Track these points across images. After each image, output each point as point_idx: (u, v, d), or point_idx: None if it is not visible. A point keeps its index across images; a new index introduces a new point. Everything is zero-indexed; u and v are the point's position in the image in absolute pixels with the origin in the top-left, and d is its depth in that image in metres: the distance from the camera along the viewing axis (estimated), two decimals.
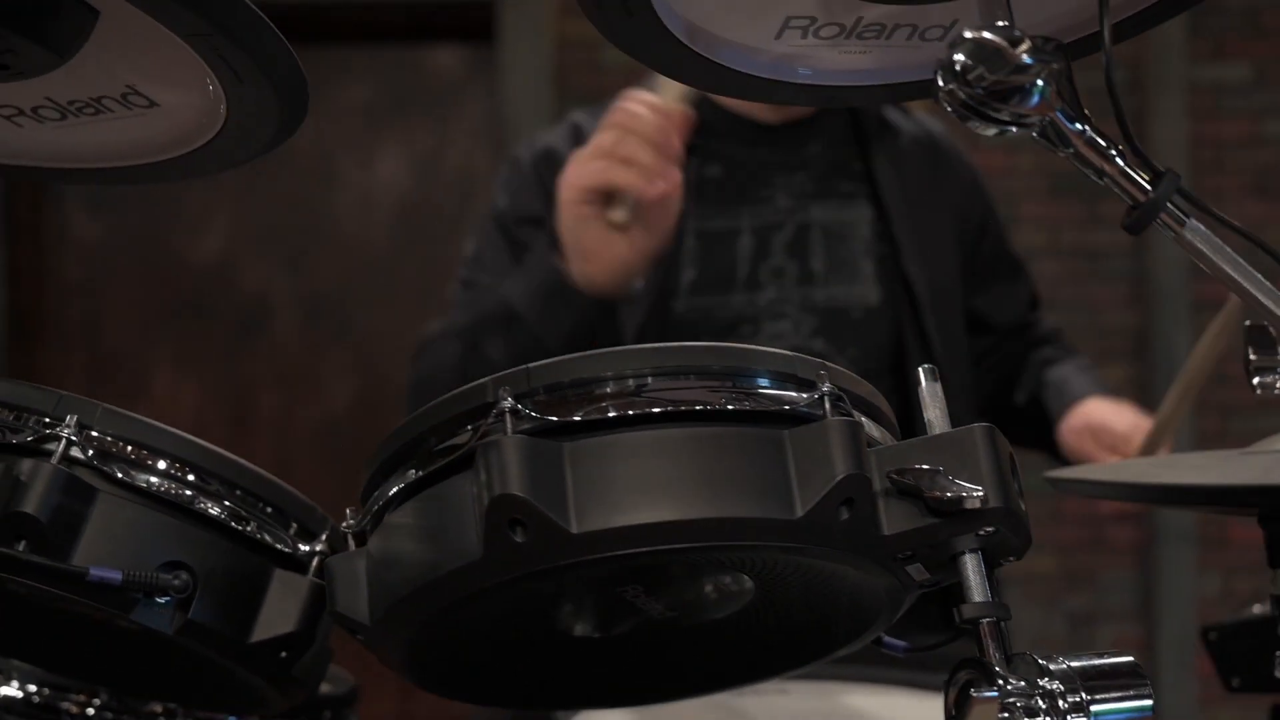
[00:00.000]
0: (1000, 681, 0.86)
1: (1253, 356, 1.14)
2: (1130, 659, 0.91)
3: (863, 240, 1.83)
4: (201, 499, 0.99)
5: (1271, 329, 0.83)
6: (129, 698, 1.22)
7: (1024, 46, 0.78)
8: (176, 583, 0.96)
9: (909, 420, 1.74)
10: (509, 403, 0.87)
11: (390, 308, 4.50)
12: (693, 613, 1.00)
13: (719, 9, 0.92)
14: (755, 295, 1.79)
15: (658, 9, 0.86)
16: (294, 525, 1.05)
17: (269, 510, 1.03)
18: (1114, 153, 0.81)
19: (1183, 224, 0.80)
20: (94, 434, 0.97)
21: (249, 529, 1.01)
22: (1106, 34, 0.77)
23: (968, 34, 0.77)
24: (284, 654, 1.02)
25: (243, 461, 1.02)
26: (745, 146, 1.83)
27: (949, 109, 0.81)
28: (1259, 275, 0.81)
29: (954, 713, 0.89)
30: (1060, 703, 0.87)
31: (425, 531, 0.91)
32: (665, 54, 0.91)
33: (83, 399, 0.98)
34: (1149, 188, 0.80)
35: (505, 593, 0.90)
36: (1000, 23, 0.77)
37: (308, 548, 1.04)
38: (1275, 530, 1.13)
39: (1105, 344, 4.11)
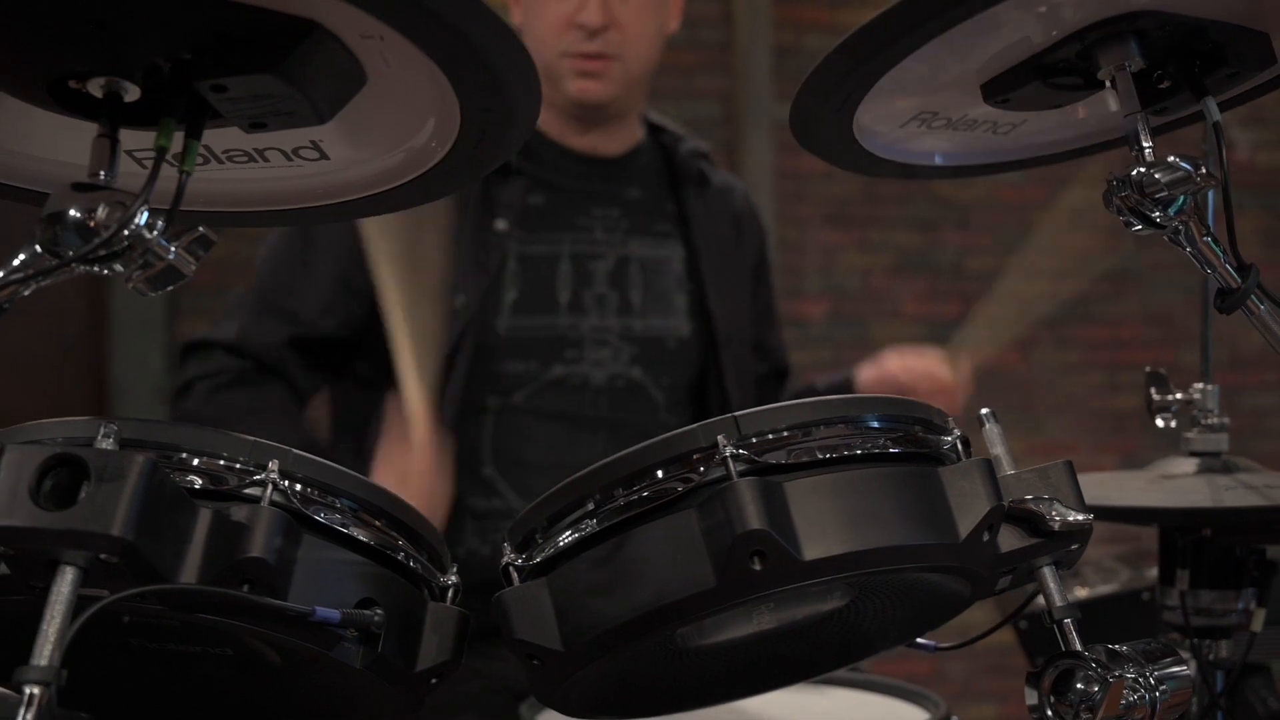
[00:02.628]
0: (1112, 666, 1.07)
1: (1155, 397, 1.42)
2: (1168, 644, 1.15)
3: (676, 276, 2.00)
4: (381, 537, 1.05)
5: None
6: None
7: (1184, 171, 1.00)
8: (377, 619, 1.01)
9: None
10: (730, 450, 1.00)
11: None
12: (799, 620, 1.16)
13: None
14: (578, 320, 1.92)
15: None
16: (431, 557, 1.11)
17: (422, 544, 1.09)
18: (1219, 250, 1.03)
19: (1261, 306, 1.03)
20: (292, 478, 1.01)
21: (413, 564, 1.07)
22: (1223, 161, 0.99)
23: (1166, 159, 0.98)
24: (434, 680, 1.08)
25: (398, 497, 1.08)
26: (568, 177, 1.95)
27: (1113, 206, 1.01)
28: None
29: (1052, 698, 1.08)
30: (1142, 677, 1.08)
31: (638, 564, 1.01)
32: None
33: (273, 445, 1.01)
34: (1239, 278, 1.03)
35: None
36: (1169, 158, 0.98)
37: (445, 579, 1.11)
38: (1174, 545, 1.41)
39: None
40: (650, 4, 1.94)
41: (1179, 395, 1.42)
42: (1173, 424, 1.41)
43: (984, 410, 1.15)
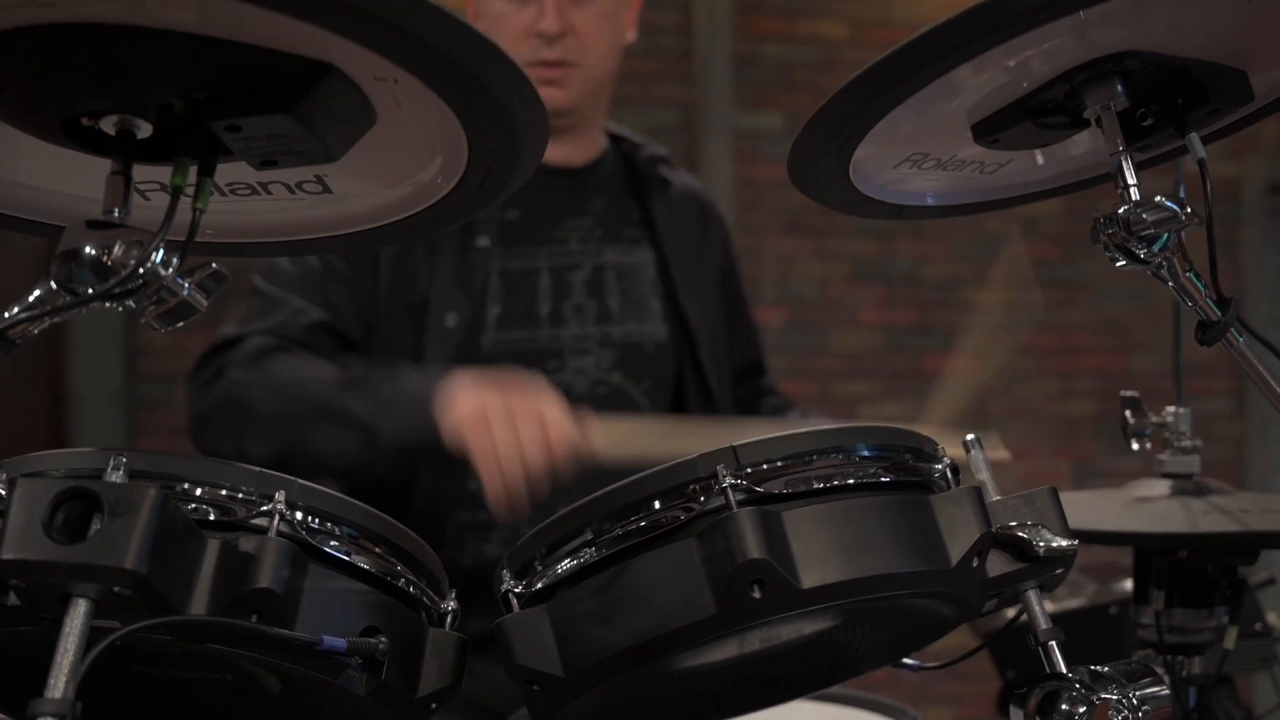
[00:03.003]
0: (1096, 687, 1.09)
1: (1131, 421, 1.45)
2: (1145, 664, 1.18)
3: (649, 281, 2.03)
4: (382, 564, 1.06)
5: None
6: None
7: (1170, 211, 1.03)
8: (381, 647, 1.03)
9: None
10: (729, 480, 1.02)
11: None
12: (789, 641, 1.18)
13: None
14: (559, 331, 1.94)
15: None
16: (430, 582, 1.12)
17: (421, 571, 1.10)
18: (1201, 286, 1.07)
19: (1240, 338, 1.07)
20: (297, 508, 1.02)
21: (413, 590, 1.09)
22: (1208, 197, 1.03)
23: (1152, 199, 1.01)
24: (434, 706, 1.10)
25: (398, 525, 1.09)
26: (540, 191, 1.97)
27: (1100, 242, 1.04)
28: (1275, 381, 1.09)
29: (1038, 718, 1.11)
30: (1125, 697, 1.11)
31: (639, 591, 1.03)
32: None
33: (277, 475, 1.02)
34: (1219, 312, 1.06)
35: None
36: (1155, 197, 1.01)
37: (444, 604, 1.12)
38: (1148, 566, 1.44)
39: None
40: (607, 12, 1.97)
41: (1153, 418, 1.46)
42: (1148, 446, 1.44)
43: (969, 436, 1.18)
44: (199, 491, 1.00)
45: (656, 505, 1.04)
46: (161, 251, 0.90)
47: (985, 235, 5.07)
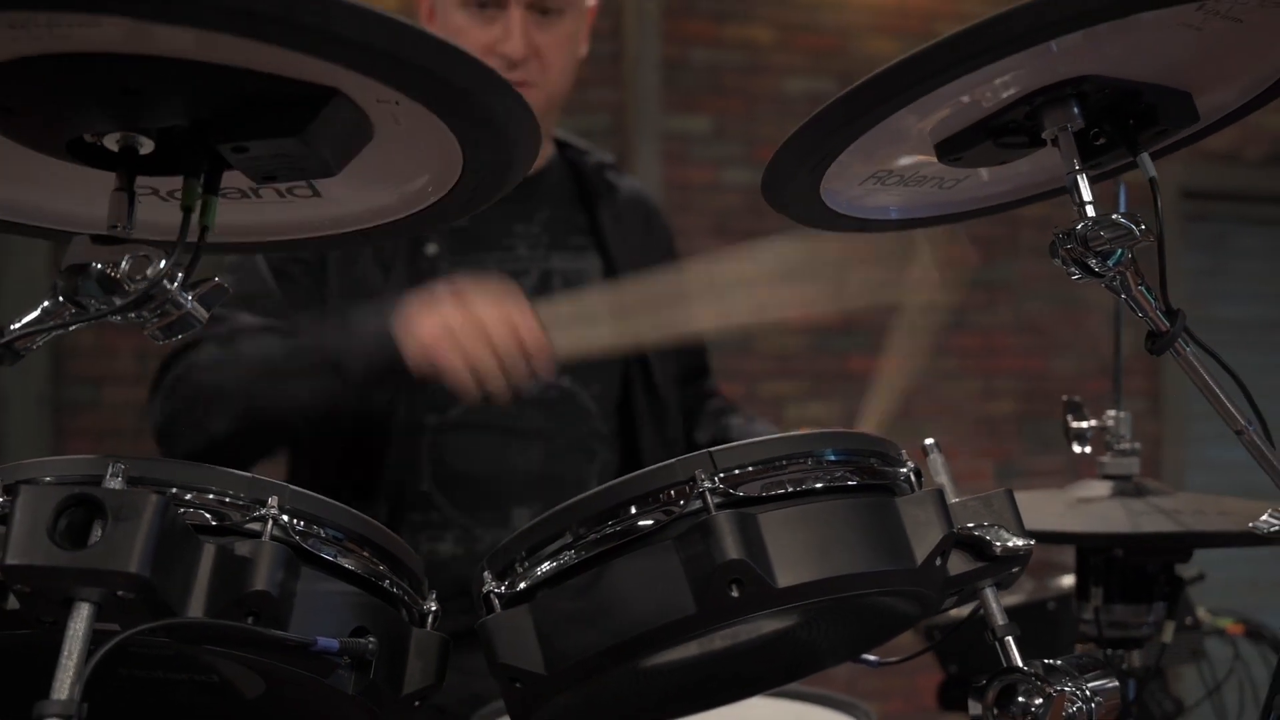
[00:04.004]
0: (1051, 680, 1.15)
1: (1072, 425, 1.51)
2: (1095, 657, 1.24)
3: (595, 287, 2.06)
4: (368, 566, 1.09)
5: (1229, 424, 1.17)
6: None
7: (1125, 228, 1.08)
8: (370, 647, 1.06)
9: (635, 452, 1.99)
10: (707, 484, 1.06)
11: None
12: (754, 638, 1.23)
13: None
14: None
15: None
16: (413, 583, 1.16)
17: (404, 572, 1.14)
18: (1151, 298, 1.12)
19: (1187, 348, 1.13)
20: (289, 513, 1.05)
21: (397, 591, 1.12)
22: (1159, 212, 1.08)
23: (1109, 216, 1.07)
24: (417, 703, 1.13)
25: (382, 527, 1.12)
26: None
27: (1059, 257, 1.10)
28: (1217, 388, 1.15)
29: (995, 710, 1.17)
30: (1079, 688, 1.17)
31: (619, 592, 1.07)
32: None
33: (270, 480, 1.05)
34: (1168, 323, 1.12)
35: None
36: (1111, 215, 1.07)
37: (426, 605, 1.16)
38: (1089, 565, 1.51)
39: None
40: (569, 35, 1.99)
41: (1094, 422, 1.52)
42: (1088, 450, 1.50)
43: (928, 441, 1.23)
44: (194, 497, 1.02)
45: (635, 509, 1.08)
46: (165, 264, 0.92)
47: (909, 239, 5.16)
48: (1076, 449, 1.52)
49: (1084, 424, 1.52)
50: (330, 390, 1.72)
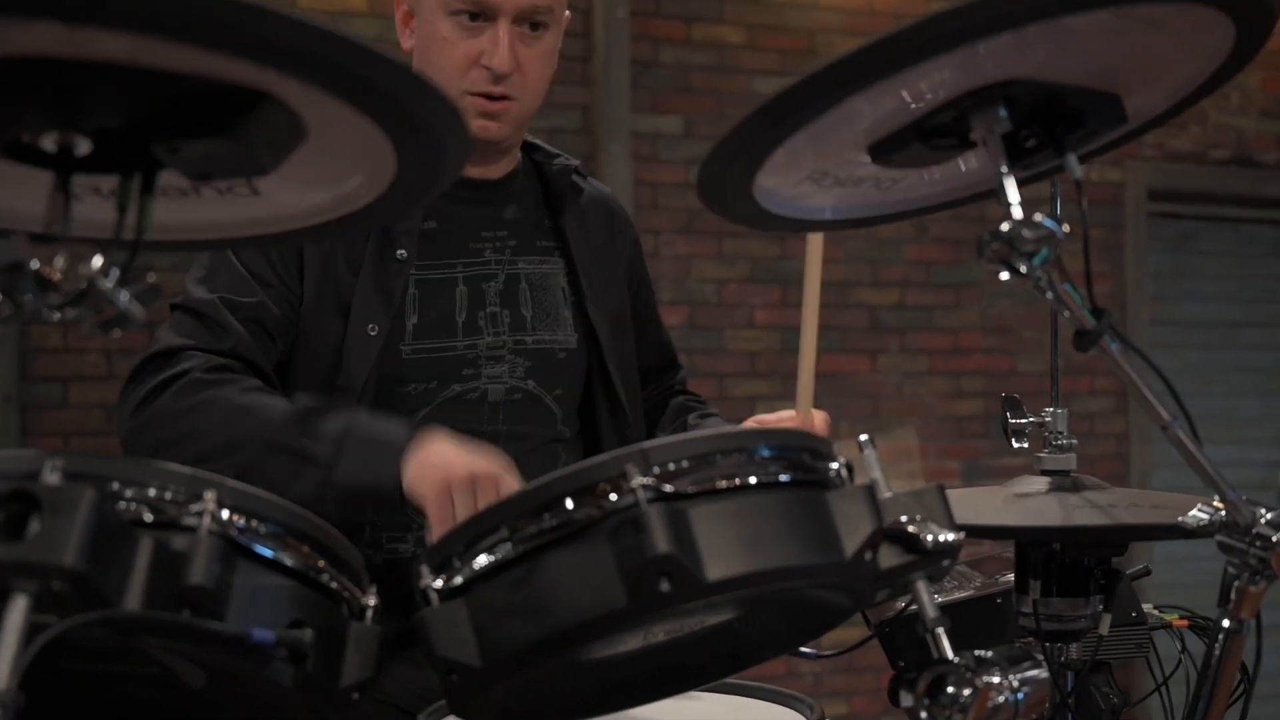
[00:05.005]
0: (980, 671, 1.17)
1: (1010, 420, 1.54)
2: (1027, 649, 1.26)
3: (561, 289, 2.07)
4: (307, 561, 1.11)
5: (1155, 420, 1.19)
6: None
7: (1049, 230, 1.11)
8: (307, 640, 1.08)
9: (597, 453, 2.00)
10: (640, 479, 1.08)
11: None
12: (692, 631, 1.25)
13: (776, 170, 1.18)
14: (475, 340, 1.98)
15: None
16: (352, 578, 1.18)
17: (344, 567, 1.15)
18: (1077, 297, 1.15)
19: (1112, 345, 1.15)
20: (227, 507, 1.06)
21: (335, 586, 1.14)
22: (1085, 213, 1.11)
23: (1032, 217, 1.09)
24: (356, 695, 1.15)
25: (322, 522, 1.14)
26: (456, 204, 2.01)
27: (985, 257, 1.12)
28: (1144, 385, 1.18)
29: (926, 700, 1.19)
30: (1006, 680, 1.19)
31: (553, 585, 1.09)
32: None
33: (208, 476, 1.07)
34: (1093, 320, 1.15)
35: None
36: (1035, 216, 1.10)
37: (365, 599, 1.17)
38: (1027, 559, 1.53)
39: None
40: (550, 50, 2.00)
41: (1031, 418, 1.54)
42: (1026, 445, 1.53)
43: (862, 437, 1.25)
44: (132, 492, 1.04)
45: (570, 504, 1.10)
46: (101, 262, 0.94)
47: (879, 239, 5.20)
48: (1015, 444, 1.54)
49: (1023, 420, 1.55)
50: (312, 488, 1.68)
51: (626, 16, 4.78)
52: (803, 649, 1.33)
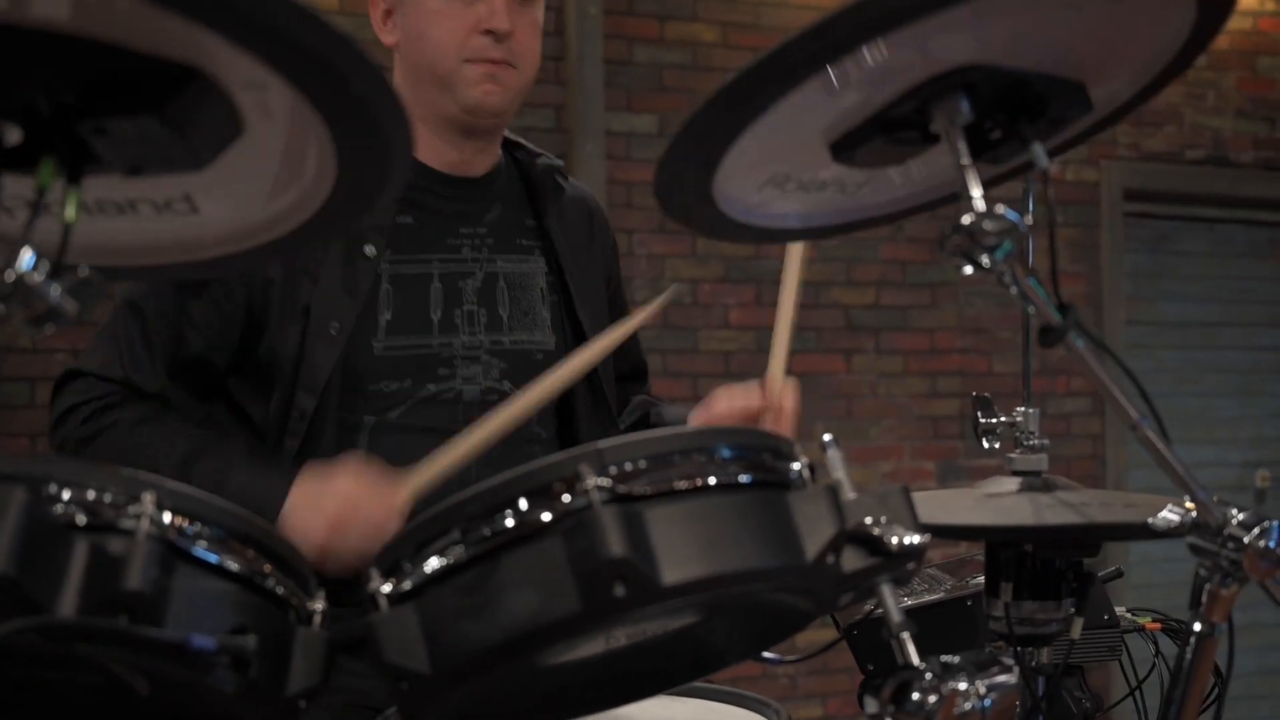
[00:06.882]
0: (946, 677, 1.15)
1: (981, 420, 1.51)
2: (994, 654, 1.23)
3: (540, 290, 2.05)
4: (251, 566, 1.08)
5: (1124, 419, 1.17)
6: None
7: (1010, 222, 1.08)
8: (250, 646, 1.04)
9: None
10: (594, 479, 1.05)
11: None
12: (653, 636, 1.22)
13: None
14: (450, 338, 1.95)
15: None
16: (299, 583, 1.14)
17: (290, 571, 1.12)
18: (1043, 292, 1.12)
19: (1079, 341, 1.13)
20: (166, 510, 1.03)
21: (281, 591, 1.10)
22: (1052, 206, 1.08)
23: (994, 209, 1.06)
24: (303, 703, 1.12)
25: (267, 525, 1.11)
26: (435, 198, 1.98)
27: (947, 250, 1.09)
28: (1111, 383, 1.15)
29: (891, 707, 1.16)
30: (973, 686, 1.17)
31: (505, 590, 1.06)
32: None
33: (146, 477, 1.04)
34: (1060, 316, 1.12)
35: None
36: (996, 207, 1.07)
37: (312, 604, 1.14)
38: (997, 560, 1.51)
39: None
40: (538, 22, 2.00)
41: (1003, 418, 1.52)
42: (997, 445, 1.50)
43: (826, 436, 1.22)
44: (67, 494, 1.00)
45: (523, 504, 1.06)
46: (31, 258, 0.90)
47: (854, 239, 5.17)
48: (986, 445, 1.52)
49: (994, 420, 1.52)
50: None
51: (600, 15, 4.76)
52: (766, 654, 1.30)
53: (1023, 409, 1.55)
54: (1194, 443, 5.92)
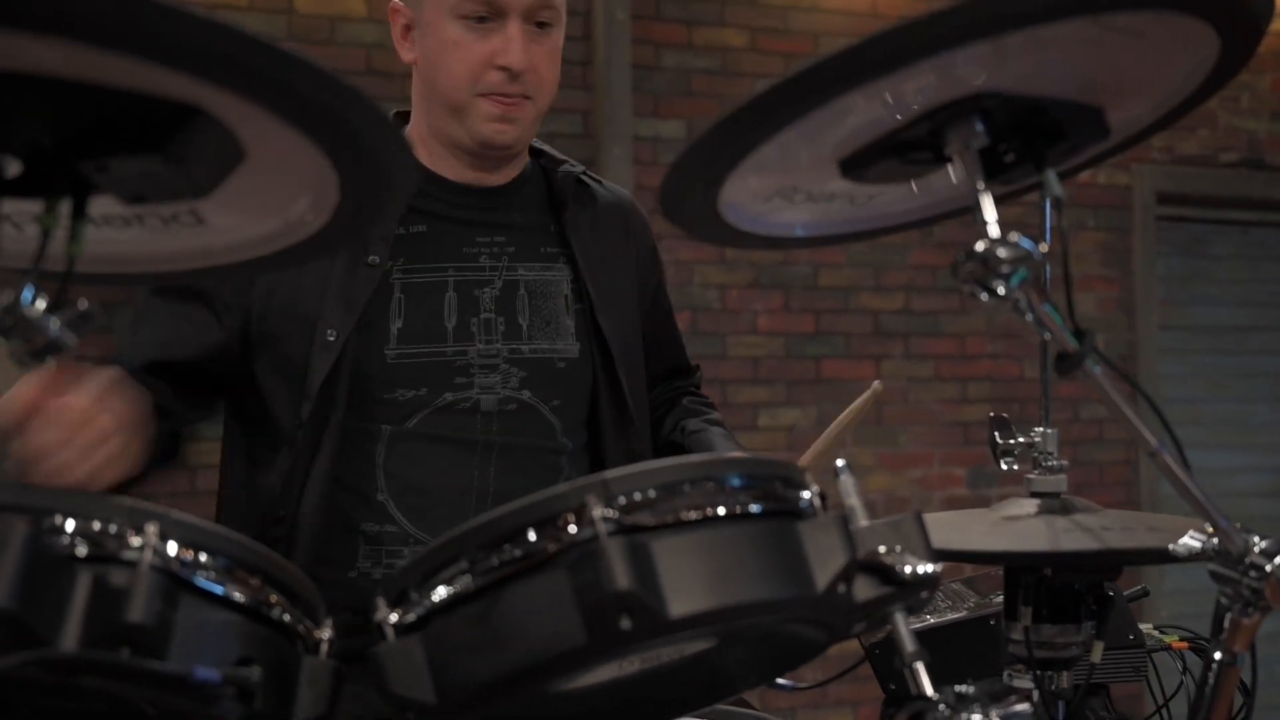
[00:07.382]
0: (959, 709, 1.13)
1: (999, 441, 1.49)
2: (1009, 684, 1.22)
3: (563, 298, 2.03)
4: (256, 595, 1.07)
5: (1142, 446, 1.15)
6: None
7: (1025, 250, 1.06)
8: (255, 678, 1.03)
9: (601, 467, 1.96)
10: (601, 510, 1.04)
11: None
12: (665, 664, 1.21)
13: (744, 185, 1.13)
14: (466, 346, 1.94)
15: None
16: (306, 611, 1.13)
17: (297, 600, 1.11)
18: (1057, 317, 1.10)
19: (1095, 369, 1.11)
20: (169, 541, 1.02)
21: (288, 620, 1.10)
22: (1064, 232, 1.06)
23: (1008, 237, 1.05)
24: None
25: (274, 554, 1.10)
26: (450, 208, 1.97)
27: (960, 277, 1.08)
28: (1130, 410, 1.13)
29: None
30: (983, 715, 1.15)
31: (511, 621, 1.05)
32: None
33: (150, 508, 1.03)
34: (1076, 342, 1.10)
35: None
36: (1011, 235, 1.05)
37: (319, 632, 1.13)
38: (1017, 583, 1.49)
39: None
40: (557, 49, 1.97)
41: (1021, 439, 1.50)
42: (1015, 466, 1.48)
43: (839, 462, 1.21)
44: (70, 524, 1.00)
45: (531, 535, 1.05)
46: (30, 291, 0.90)
47: (882, 244, 5.15)
48: (1004, 466, 1.50)
49: (1011, 441, 1.50)
50: None
51: (627, 20, 4.75)
52: (779, 680, 1.29)
53: (1041, 429, 1.53)
54: (1228, 448, 5.86)
